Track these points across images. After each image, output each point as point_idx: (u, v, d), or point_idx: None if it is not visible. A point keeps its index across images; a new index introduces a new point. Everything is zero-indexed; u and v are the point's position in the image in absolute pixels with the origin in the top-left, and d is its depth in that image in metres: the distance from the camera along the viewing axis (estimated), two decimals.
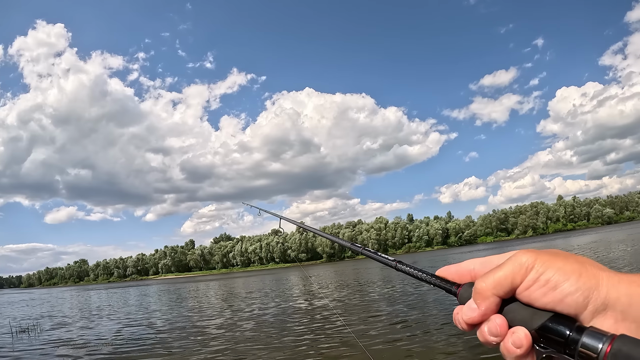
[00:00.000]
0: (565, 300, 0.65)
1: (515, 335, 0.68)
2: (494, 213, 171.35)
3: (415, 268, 0.94)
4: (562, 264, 0.67)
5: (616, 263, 21.26)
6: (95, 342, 14.49)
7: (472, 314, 0.73)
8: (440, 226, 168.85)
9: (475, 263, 0.83)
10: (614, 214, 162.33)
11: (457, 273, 0.85)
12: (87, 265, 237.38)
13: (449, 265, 0.87)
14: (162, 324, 18.04)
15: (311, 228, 1.85)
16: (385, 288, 23.62)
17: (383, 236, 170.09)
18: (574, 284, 0.65)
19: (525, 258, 0.70)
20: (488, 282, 0.72)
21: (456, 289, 0.82)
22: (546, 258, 0.69)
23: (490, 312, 0.72)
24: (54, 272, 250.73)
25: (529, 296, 0.68)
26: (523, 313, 0.70)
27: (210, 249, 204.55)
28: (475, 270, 0.82)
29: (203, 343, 12.75)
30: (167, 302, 32.57)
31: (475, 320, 0.73)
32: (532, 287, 0.68)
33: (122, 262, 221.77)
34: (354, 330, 12.40)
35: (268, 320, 16.10)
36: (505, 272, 0.70)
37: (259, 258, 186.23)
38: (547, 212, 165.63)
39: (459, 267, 0.85)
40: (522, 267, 0.69)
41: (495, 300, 0.72)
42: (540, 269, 0.68)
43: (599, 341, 0.60)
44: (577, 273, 0.66)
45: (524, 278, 0.69)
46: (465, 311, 0.74)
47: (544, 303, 0.67)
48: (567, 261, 0.68)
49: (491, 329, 0.71)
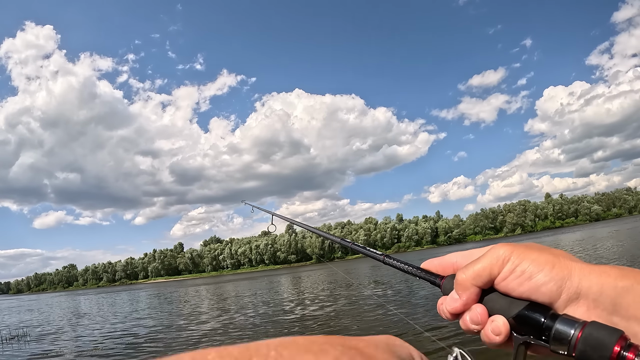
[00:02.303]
0: (540, 289, 0.68)
1: (494, 324, 0.71)
2: (482, 212, 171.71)
3: (401, 262, 0.98)
4: (536, 256, 0.71)
5: (604, 258, 21.40)
6: (85, 348, 14.37)
7: (455, 304, 0.76)
8: (429, 226, 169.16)
9: (458, 256, 0.86)
10: (601, 211, 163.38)
11: (440, 266, 0.88)
12: (76, 271, 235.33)
13: (432, 259, 0.90)
14: (151, 328, 18.01)
15: (303, 224, 1.89)
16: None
17: (373, 236, 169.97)
18: (548, 274, 0.68)
19: (502, 251, 0.73)
20: (468, 273, 0.75)
21: (440, 280, 0.85)
22: (521, 251, 0.72)
23: (471, 301, 0.75)
24: (43, 277, 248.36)
25: (506, 286, 0.71)
26: (501, 302, 0.73)
27: (199, 252, 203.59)
28: (458, 262, 0.85)
29: (194, 346, 12.77)
30: (157, 306, 32.52)
31: (457, 310, 0.76)
32: (508, 277, 0.71)
33: (111, 267, 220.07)
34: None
35: (261, 322, 16.15)
36: (484, 264, 0.73)
37: (249, 260, 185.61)
38: (535, 210, 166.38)
39: (442, 260, 0.88)
40: (499, 259, 0.72)
41: (476, 291, 0.74)
42: (516, 260, 0.71)
43: (571, 327, 0.63)
44: (551, 264, 0.69)
45: (501, 269, 0.72)
46: (448, 301, 0.78)
47: (520, 292, 0.70)
48: (542, 253, 0.71)
49: (472, 317, 0.74)
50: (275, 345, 0.43)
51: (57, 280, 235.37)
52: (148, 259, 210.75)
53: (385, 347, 0.51)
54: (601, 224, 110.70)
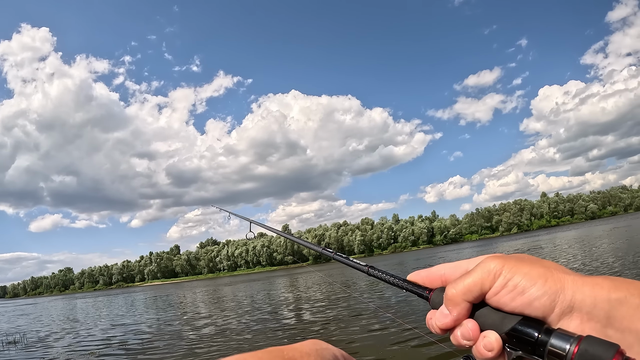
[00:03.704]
0: (533, 303, 0.67)
1: (486, 340, 0.69)
2: (478, 211, 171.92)
3: (387, 273, 0.95)
4: (528, 269, 0.69)
5: (601, 257, 21.33)
6: (81, 353, 14.29)
7: (445, 320, 0.74)
8: (425, 226, 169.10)
9: (446, 268, 0.84)
10: (597, 209, 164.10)
11: (427, 278, 0.85)
12: (72, 274, 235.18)
13: (419, 270, 0.88)
14: (147, 332, 17.96)
15: (282, 232, 1.84)
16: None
17: (369, 237, 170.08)
18: (541, 288, 0.67)
19: (493, 265, 0.71)
20: (458, 288, 0.73)
21: (428, 293, 0.83)
22: (513, 264, 0.71)
23: (462, 317, 0.73)
24: (39, 281, 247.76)
25: (498, 301, 0.70)
26: (493, 317, 0.71)
27: (196, 254, 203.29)
28: (446, 275, 0.83)
29: (191, 350, 12.66)
30: (154, 309, 32.45)
31: (448, 326, 0.75)
32: (500, 292, 0.70)
33: (107, 270, 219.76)
34: None
35: (256, 325, 16.07)
36: (474, 279, 0.72)
37: (246, 262, 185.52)
38: (531, 209, 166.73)
39: (429, 272, 0.86)
40: (491, 274, 0.70)
41: (466, 306, 0.73)
42: (507, 274, 0.69)
43: (566, 342, 0.62)
44: (544, 278, 0.67)
45: (492, 284, 0.70)
46: (438, 317, 0.76)
47: (513, 307, 0.69)
48: (534, 266, 0.70)
49: (464, 333, 0.72)
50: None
51: (54, 283, 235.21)
52: (144, 261, 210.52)
53: (314, 353, 0.51)
54: (597, 222, 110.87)
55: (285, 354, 0.47)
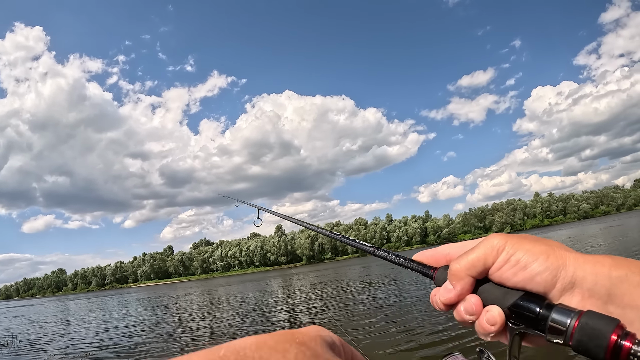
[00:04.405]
0: (534, 279, 0.68)
1: (489, 314, 0.71)
2: (471, 211, 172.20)
3: (392, 253, 0.96)
4: (530, 246, 0.70)
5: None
6: (75, 354, 14.19)
7: (449, 295, 0.76)
8: (418, 225, 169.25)
9: (451, 247, 0.86)
10: (589, 209, 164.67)
11: (433, 257, 0.87)
12: (65, 275, 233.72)
13: (425, 250, 0.89)
14: (141, 333, 17.78)
15: (290, 217, 1.85)
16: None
17: (362, 237, 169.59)
18: (543, 263, 0.68)
19: (496, 241, 0.73)
20: (462, 263, 0.74)
21: (432, 272, 0.84)
22: (515, 240, 0.72)
23: (466, 292, 0.75)
24: (32, 282, 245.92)
25: (501, 276, 0.71)
26: (496, 292, 0.72)
27: (189, 255, 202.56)
28: (451, 254, 0.85)
29: (186, 352, 12.57)
30: (147, 310, 32.21)
31: (451, 301, 0.76)
32: (503, 267, 0.71)
33: (100, 271, 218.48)
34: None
35: (251, 325, 15.94)
36: (478, 254, 0.73)
37: (239, 262, 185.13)
38: (524, 208, 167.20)
39: (434, 252, 0.88)
40: (494, 249, 0.72)
41: (470, 281, 0.74)
42: (510, 250, 0.71)
43: (567, 317, 0.63)
44: (545, 254, 0.69)
45: (495, 259, 0.72)
46: (442, 292, 0.77)
47: (515, 282, 0.70)
48: (536, 243, 0.71)
49: (467, 308, 0.74)
50: (242, 346, 0.44)
51: (47, 285, 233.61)
52: (138, 262, 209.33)
53: (320, 339, 0.53)
54: (590, 222, 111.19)
55: (296, 337, 0.49)
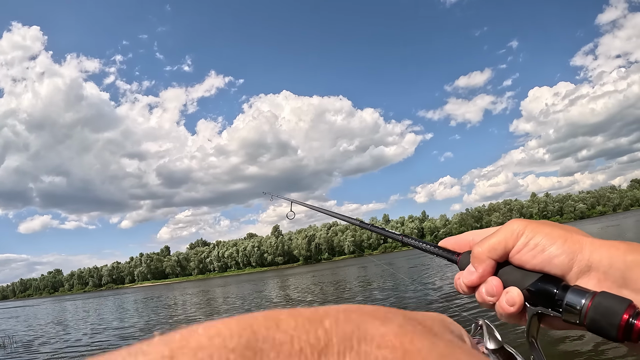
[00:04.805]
0: (552, 261, 0.71)
1: (509, 295, 0.73)
2: (468, 211, 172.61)
3: (420, 240, 1.02)
4: (549, 230, 0.73)
5: None
6: (71, 355, 14.25)
7: (471, 277, 0.79)
8: (415, 226, 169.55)
9: (474, 234, 0.90)
10: (586, 209, 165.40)
11: (457, 243, 0.92)
12: (61, 276, 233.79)
13: (449, 237, 0.94)
14: (139, 335, 17.94)
15: (322, 209, 1.92)
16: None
17: (359, 237, 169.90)
18: (560, 247, 0.70)
19: (516, 225, 0.76)
20: (484, 247, 0.77)
21: (456, 257, 0.88)
22: (535, 225, 0.75)
23: (487, 274, 0.78)
24: (28, 283, 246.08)
25: (520, 259, 0.74)
26: (515, 274, 0.75)
27: (186, 255, 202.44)
28: (474, 240, 0.87)
29: None
30: (143, 311, 32.46)
31: (474, 282, 0.79)
32: (522, 250, 0.74)
33: (96, 271, 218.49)
34: None
35: None
36: (499, 238, 0.76)
37: (236, 263, 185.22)
38: (521, 208, 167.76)
39: (458, 238, 0.92)
40: (514, 233, 0.75)
41: (491, 263, 0.77)
42: (529, 234, 0.73)
43: (582, 297, 0.65)
44: (563, 238, 0.71)
45: (515, 242, 0.74)
46: (465, 275, 0.80)
47: (534, 265, 0.72)
48: (554, 228, 0.74)
49: (488, 289, 0.76)
50: (343, 309, 0.42)
51: (43, 285, 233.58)
52: (134, 263, 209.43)
53: (440, 322, 0.50)
54: (586, 222, 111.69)
55: (410, 315, 0.46)
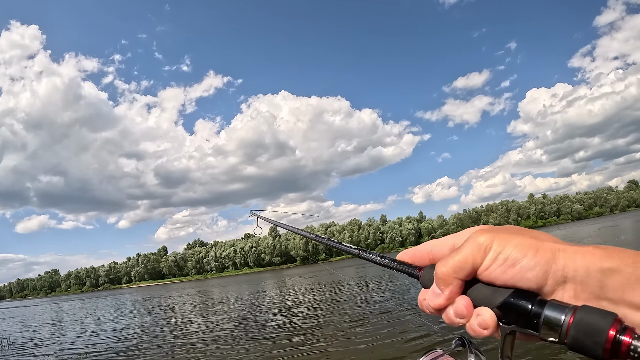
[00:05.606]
0: (525, 275, 0.65)
1: (480, 318, 0.68)
2: (465, 212, 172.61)
3: (377, 255, 0.96)
4: (519, 241, 0.67)
5: None
6: (68, 356, 14.19)
7: (438, 300, 0.73)
8: (412, 226, 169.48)
9: (433, 245, 0.83)
10: (583, 210, 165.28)
11: (415, 256, 0.85)
12: (58, 276, 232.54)
13: (407, 249, 0.87)
14: (136, 336, 17.87)
15: (285, 225, 1.86)
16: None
17: (356, 237, 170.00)
18: (532, 259, 0.65)
19: (482, 238, 0.69)
20: (448, 266, 0.71)
21: (418, 272, 0.81)
22: (503, 236, 0.69)
23: (455, 295, 0.72)
24: (25, 283, 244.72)
25: (489, 275, 0.68)
26: (486, 292, 0.69)
27: (183, 255, 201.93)
28: (433, 252, 0.82)
29: (181, 356, 12.58)
30: (141, 312, 32.33)
31: (441, 305, 0.73)
32: (491, 266, 0.68)
33: (94, 272, 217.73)
34: None
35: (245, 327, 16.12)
36: (465, 255, 0.70)
37: (233, 263, 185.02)
38: (518, 209, 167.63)
39: (416, 250, 0.86)
40: (481, 248, 0.69)
41: (458, 283, 0.71)
42: (497, 247, 0.68)
43: (561, 313, 0.60)
44: (534, 248, 0.66)
45: (483, 259, 0.68)
46: (430, 297, 0.74)
47: (505, 280, 0.67)
48: (524, 237, 0.68)
49: (457, 311, 0.71)
50: None
51: (40, 286, 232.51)
52: (131, 263, 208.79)
53: None
54: (584, 223, 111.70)
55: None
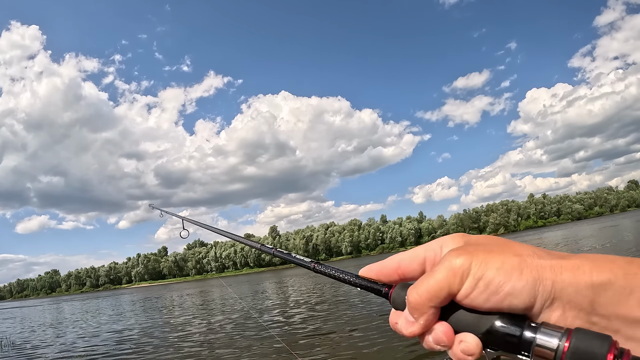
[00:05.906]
0: (511, 301, 0.59)
1: (464, 344, 0.61)
2: (465, 212, 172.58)
3: (335, 269, 0.85)
4: (500, 262, 0.60)
5: None
6: (68, 357, 14.16)
7: (412, 328, 0.65)
8: (412, 226, 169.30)
9: (401, 260, 0.74)
10: (583, 210, 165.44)
11: (382, 272, 0.75)
12: (59, 276, 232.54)
13: (372, 264, 0.77)
14: (137, 337, 17.84)
15: (213, 228, 1.77)
16: None
17: (356, 238, 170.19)
18: (517, 282, 0.58)
19: (458, 261, 0.61)
20: (422, 293, 0.63)
21: (387, 290, 0.73)
22: (482, 257, 0.61)
23: (431, 323, 0.64)
24: (26, 283, 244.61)
25: (472, 303, 0.61)
26: (468, 319, 0.62)
27: (183, 256, 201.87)
28: (402, 267, 0.73)
29: (180, 357, 12.56)
30: (141, 312, 32.25)
31: (417, 333, 0.65)
32: (472, 294, 0.60)
33: (94, 272, 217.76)
34: None
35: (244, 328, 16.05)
36: (438, 281, 0.62)
37: (233, 263, 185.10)
38: (518, 209, 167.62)
39: (382, 266, 0.76)
40: (457, 274, 0.61)
41: (433, 311, 0.63)
42: (477, 272, 0.60)
43: (555, 338, 0.56)
44: (519, 270, 0.59)
45: (461, 285, 0.61)
46: (403, 324, 0.67)
47: (489, 307, 0.60)
48: (505, 256, 0.61)
49: (437, 338, 0.63)
50: None
51: (40, 286, 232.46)
52: (132, 263, 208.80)
53: None
54: (584, 223, 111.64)
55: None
